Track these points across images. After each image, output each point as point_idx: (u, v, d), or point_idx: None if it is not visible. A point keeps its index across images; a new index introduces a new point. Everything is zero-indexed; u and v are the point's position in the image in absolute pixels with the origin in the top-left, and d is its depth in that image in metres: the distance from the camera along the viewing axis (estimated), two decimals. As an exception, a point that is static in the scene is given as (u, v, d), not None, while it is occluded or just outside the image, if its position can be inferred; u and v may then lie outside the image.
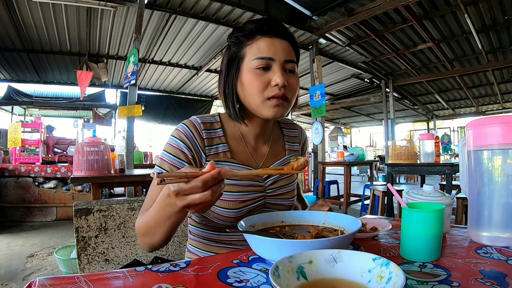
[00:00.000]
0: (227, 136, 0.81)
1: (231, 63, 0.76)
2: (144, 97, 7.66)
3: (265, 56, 0.72)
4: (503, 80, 7.68)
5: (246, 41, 0.74)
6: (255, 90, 0.72)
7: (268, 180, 0.81)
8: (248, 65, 0.73)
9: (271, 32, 0.73)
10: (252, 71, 0.72)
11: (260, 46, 0.72)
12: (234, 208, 0.75)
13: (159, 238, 0.64)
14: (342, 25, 4.94)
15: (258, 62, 0.72)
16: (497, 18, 4.68)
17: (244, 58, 0.74)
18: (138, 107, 3.97)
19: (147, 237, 0.66)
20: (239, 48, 0.75)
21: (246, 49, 0.74)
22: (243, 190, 0.76)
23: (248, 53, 0.73)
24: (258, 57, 0.72)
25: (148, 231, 0.65)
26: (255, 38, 0.73)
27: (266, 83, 0.72)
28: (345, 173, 4.84)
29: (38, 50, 5.78)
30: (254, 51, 0.73)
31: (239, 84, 0.75)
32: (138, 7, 4.08)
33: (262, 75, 0.72)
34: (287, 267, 0.41)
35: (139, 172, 3.01)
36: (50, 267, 2.54)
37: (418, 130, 14.65)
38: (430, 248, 0.58)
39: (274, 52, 0.72)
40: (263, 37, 0.73)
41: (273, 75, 0.72)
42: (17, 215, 4.21)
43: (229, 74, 0.77)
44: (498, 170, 0.65)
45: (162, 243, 0.66)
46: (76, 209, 0.96)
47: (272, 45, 0.73)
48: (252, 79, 0.72)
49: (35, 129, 5.37)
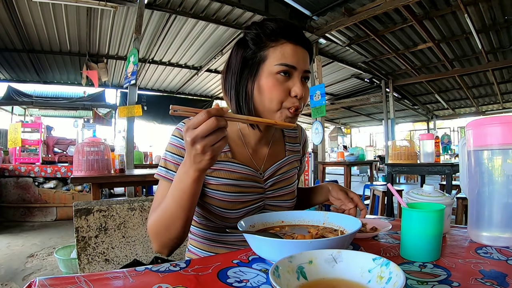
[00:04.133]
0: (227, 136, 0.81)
1: (248, 62, 0.73)
2: (145, 97, 7.67)
3: (290, 64, 0.70)
4: (503, 80, 7.69)
5: (269, 42, 0.71)
6: (274, 97, 0.71)
7: (268, 182, 0.81)
8: (270, 68, 0.71)
9: (295, 39, 0.71)
10: (273, 76, 0.70)
11: (285, 52, 0.70)
12: (233, 209, 0.75)
13: (176, 230, 0.64)
14: (342, 25, 4.94)
15: (282, 68, 0.70)
16: (497, 18, 4.68)
17: (266, 61, 0.71)
18: (138, 107, 3.97)
19: (162, 235, 0.66)
20: (260, 48, 0.72)
21: (269, 51, 0.71)
22: (242, 191, 0.76)
23: (271, 56, 0.71)
24: (282, 63, 0.70)
25: (164, 224, 0.64)
26: (280, 42, 0.71)
27: (286, 92, 0.71)
28: (345, 173, 4.84)
29: (38, 50, 5.78)
30: (278, 55, 0.70)
31: (256, 86, 0.73)
32: (138, 7, 4.07)
33: (283, 82, 0.71)
34: (287, 267, 0.41)
35: (139, 172, 3.01)
36: (50, 267, 2.54)
37: (418, 130, 14.66)
38: (430, 248, 0.58)
39: (297, 61, 0.71)
40: (288, 43, 0.71)
41: (293, 85, 0.71)
42: (17, 215, 4.21)
43: (244, 73, 0.73)
44: (498, 170, 0.65)
45: (179, 238, 0.66)
46: (76, 209, 0.96)
47: (296, 53, 0.71)
48: (273, 84, 0.70)
49: (35, 129, 5.38)
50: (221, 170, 0.76)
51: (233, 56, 0.75)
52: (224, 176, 0.75)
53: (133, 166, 4.06)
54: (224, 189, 0.75)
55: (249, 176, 0.78)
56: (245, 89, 0.74)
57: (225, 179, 0.75)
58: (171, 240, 0.66)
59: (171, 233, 0.65)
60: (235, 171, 0.77)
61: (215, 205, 0.75)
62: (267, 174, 0.81)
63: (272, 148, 0.86)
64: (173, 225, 0.64)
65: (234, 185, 0.75)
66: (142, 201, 1.08)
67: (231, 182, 0.75)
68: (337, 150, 9.43)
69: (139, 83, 7.26)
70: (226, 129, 0.54)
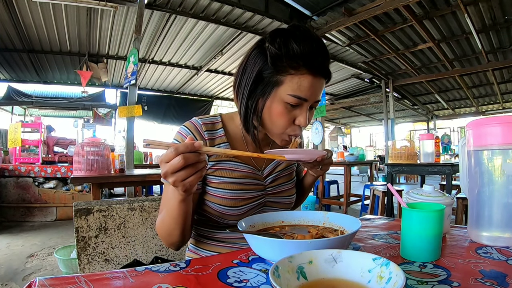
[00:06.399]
0: (229, 136, 0.82)
1: (262, 80, 0.70)
2: (145, 97, 7.67)
3: (303, 97, 0.69)
4: (503, 80, 7.68)
5: (289, 68, 0.67)
6: (279, 124, 0.72)
7: (268, 178, 0.82)
8: (282, 95, 0.69)
9: (316, 69, 0.68)
10: (283, 104, 0.70)
11: (302, 84, 0.67)
12: (235, 206, 0.76)
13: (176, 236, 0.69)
14: (342, 25, 4.94)
15: (294, 100, 0.68)
16: (497, 18, 4.68)
17: (280, 86, 0.69)
18: (138, 107, 3.97)
19: (166, 238, 0.71)
20: (278, 71, 0.68)
21: (287, 78, 0.68)
22: (243, 188, 0.77)
23: (287, 83, 0.68)
24: (296, 95, 0.68)
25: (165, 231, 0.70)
26: (300, 71, 0.67)
27: (291, 120, 0.72)
28: (345, 173, 4.83)
29: (38, 50, 5.78)
30: (294, 86, 0.67)
31: (266, 106, 0.72)
32: (138, 7, 4.08)
33: (290, 111, 0.71)
34: (287, 267, 0.41)
35: (139, 172, 3.01)
36: (50, 267, 2.54)
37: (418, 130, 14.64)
38: (430, 248, 0.58)
39: (311, 94, 0.69)
40: (308, 74, 0.67)
41: (299, 115, 0.71)
42: (17, 215, 4.21)
43: (257, 90, 0.71)
44: (498, 170, 0.65)
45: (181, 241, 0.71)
46: (76, 209, 0.96)
47: (313, 86, 0.68)
48: (281, 112, 0.70)
49: (35, 129, 5.38)
50: (222, 169, 0.77)
51: (251, 61, 0.72)
52: (225, 175, 0.77)
53: (133, 166, 4.06)
54: (226, 187, 0.76)
55: (249, 174, 0.79)
56: (256, 103, 0.73)
57: (227, 177, 0.77)
58: (175, 241, 0.71)
59: (172, 238, 0.70)
60: (236, 169, 0.78)
61: (217, 203, 0.76)
62: (267, 171, 0.83)
63: (272, 148, 0.88)
64: (172, 232, 0.68)
65: (236, 183, 0.77)
66: (142, 201, 1.08)
67: (232, 180, 0.77)
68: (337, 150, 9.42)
69: (139, 83, 7.26)
70: (202, 163, 0.53)
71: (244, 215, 0.77)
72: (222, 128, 0.81)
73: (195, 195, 0.76)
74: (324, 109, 5.36)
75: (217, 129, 0.81)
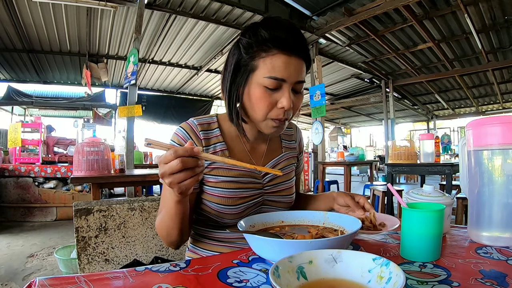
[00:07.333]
0: (224, 136, 0.82)
1: (240, 69, 0.72)
2: (145, 97, 7.66)
3: (279, 77, 0.68)
4: (503, 80, 7.68)
5: (260, 52, 0.69)
6: (260, 108, 0.71)
7: (266, 177, 0.82)
8: (259, 80, 0.69)
9: (288, 48, 0.68)
10: (261, 88, 0.70)
11: (275, 65, 0.68)
12: (233, 204, 0.76)
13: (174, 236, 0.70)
14: (342, 25, 4.94)
15: (270, 81, 0.68)
16: (497, 18, 4.68)
17: (255, 71, 0.70)
18: (138, 107, 3.97)
19: (165, 238, 0.72)
20: (251, 57, 0.70)
21: (260, 61, 0.69)
22: (241, 187, 0.77)
23: (261, 67, 0.69)
24: (271, 76, 0.68)
25: (164, 231, 0.71)
26: (271, 52, 0.68)
27: (273, 104, 0.71)
28: (345, 173, 4.84)
29: (38, 50, 5.78)
30: (268, 67, 0.68)
31: (246, 93, 0.73)
32: (138, 7, 4.08)
33: (270, 94, 0.70)
34: (287, 267, 0.41)
35: (139, 172, 3.01)
36: (50, 267, 2.54)
37: (418, 130, 14.64)
38: (430, 248, 0.58)
39: (289, 74, 0.68)
40: (280, 53, 0.68)
41: (281, 97, 0.70)
42: (17, 215, 4.21)
43: (236, 79, 0.73)
44: (498, 170, 0.65)
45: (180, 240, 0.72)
46: (76, 209, 0.96)
47: (288, 65, 0.68)
48: (260, 96, 0.70)
49: (35, 129, 5.38)
50: (219, 168, 0.77)
51: (230, 57, 0.75)
52: (222, 174, 0.77)
53: (133, 166, 4.06)
54: (223, 186, 0.76)
55: (247, 173, 0.79)
56: (237, 93, 0.74)
57: (224, 176, 0.77)
58: (174, 240, 0.72)
59: (171, 237, 0.71)
60: (233, 168, 0.78)
61: (215, 202, 0.76)
62: None
63: (269, 144, 0.88)
64: (171, 231, 0.70)
65: (233, 181, 0.77)
66: (142, 201, 1.08)
67: (229, 179, 0.77)
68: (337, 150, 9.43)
69: (139, 83, 7.26)
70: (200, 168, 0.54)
71: (242, 214, 0.77)
72: (218, 128, 0.81)
73: (192, 195, 0.77)
74: (324, 109, 5.35)
75: (212, 129, 0.81)
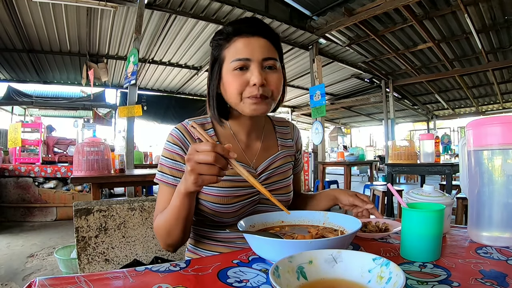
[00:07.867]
0: (218, 135, 0.83)
1: (214, 67, 0.78)
2: (145, 97, 7.66)
3: (242, 57, 0.72)
4: (503, 80, 7.69)
5: (225, 44, 0.76)
6: (233, 91, 0.74)
7: (262, 176, 0.82)
8: (227, 67, 0.74)
9: (247, 32, 0.74)
10: (231, 73, 0.73)
11: (237, 48, 0.73)
12: (228, 203, 0.76)
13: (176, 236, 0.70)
14: (342, 25, 4.94)
15: (236, 63, 0.72)
16: (497, 18, 4.68)
17: (224, 61, 0.75)
18: (138, 107, 3.97)
19: (165, 238, 0.72)
20: (219, 51, 0.77)
21: (225, 52, 0.75)
22: (236, 185, 0.78)
23: (227, 56, 0.75)
24: (235, 58, 0.73)
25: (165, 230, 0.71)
26: (232, 40, 0.74)
27: (245, 84, 0.73)
28: (345, 173, 4.84)
29: (38, 50, 5.78)
30: (232, 53, 0.74)
31: (221, 86, 0.77)
32: (138, 7, 4.08)
33: (240, 76, 0.73)
34: (287, 267, 0.41)
35: (139, 172, 3.01)
36: (50, 267, 2.54)
37: (418, 130, 14.65)
38: (430, 248, 0.58)
39: (251, 52, 0.72)
40: (240, 38, 0.74)
41: (251, 75, 0.72)
42: (17, 215, 4.21)
43: (212, 77, 0.79)
44: (498, 170, 0.65)
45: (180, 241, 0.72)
46: (76, 209, 0.96)
47: (249, 44, 0.73)
48: (231, 80, 0.73)
49: (35, 129, 5.38)
50: None
51: (210, 59, 0.81)
52: None
53: (133, 166, 4.06)
54: (219, 185, 0.76)
55: None
56: (214, 91, 0.79)
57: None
58: (174, 242, 0.72)
59: (172, 238, 0.71)
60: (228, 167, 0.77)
61: (211, 201, 0.76)
62: (260, 168, 0.83)
63: (264, 142, 0.88)
64: (172, 231, 0.70)
65: (228, 180, 0.77)
66: (142, 201, 1.08)
67: (224, 178, 0.77)
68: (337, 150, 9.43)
69: (139, 83, 7.26)
70: (224, 171, 0.57)
71: (238, 212, 0.77)
72: (212, 129, 0.83)
73: None
74: (324, 109, 5.35)
75: (207, 129, 0.83)
